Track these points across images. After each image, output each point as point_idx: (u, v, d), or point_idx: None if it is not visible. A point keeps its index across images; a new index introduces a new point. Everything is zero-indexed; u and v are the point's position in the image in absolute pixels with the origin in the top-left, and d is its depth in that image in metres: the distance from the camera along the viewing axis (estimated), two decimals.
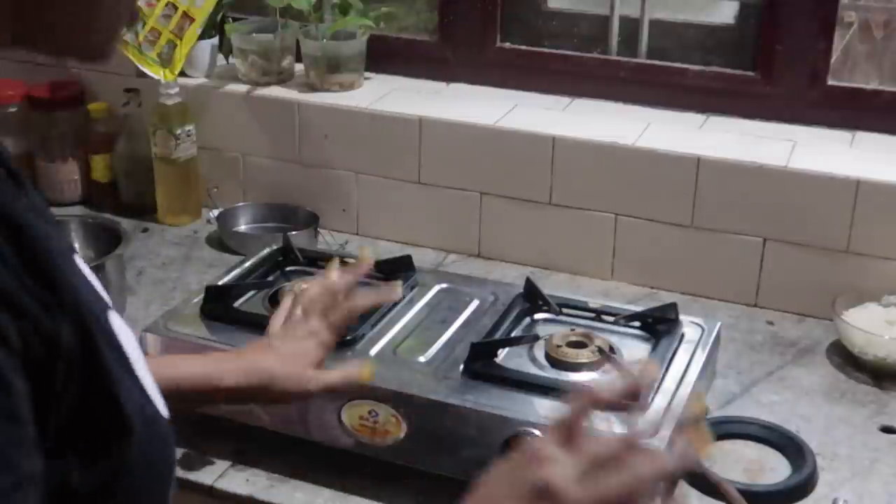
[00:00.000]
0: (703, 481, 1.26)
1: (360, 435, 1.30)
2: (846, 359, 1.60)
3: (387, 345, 1.40)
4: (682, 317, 1.45)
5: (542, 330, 1.45)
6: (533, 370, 1.34)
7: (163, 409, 0.70)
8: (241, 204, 2.03)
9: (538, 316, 1.49)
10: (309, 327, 1.20)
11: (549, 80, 1.99)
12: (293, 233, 1.80)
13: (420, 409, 1.28)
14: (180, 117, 1.97)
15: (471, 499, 0.75)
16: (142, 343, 1.38)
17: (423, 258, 1.82)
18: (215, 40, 2.08)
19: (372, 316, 1.44)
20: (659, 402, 1.27)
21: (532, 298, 1.50)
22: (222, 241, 1.95)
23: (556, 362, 1.35)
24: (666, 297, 1.66)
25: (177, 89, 1.97)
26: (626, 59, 1.98)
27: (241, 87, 2.03)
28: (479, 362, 1.33)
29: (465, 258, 1.92)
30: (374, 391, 1.29)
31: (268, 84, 2.03)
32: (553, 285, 1.76)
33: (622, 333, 1.45)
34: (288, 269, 1.62)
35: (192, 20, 1.97)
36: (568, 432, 0.74)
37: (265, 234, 1.94)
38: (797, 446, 1.38)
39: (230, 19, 2.10)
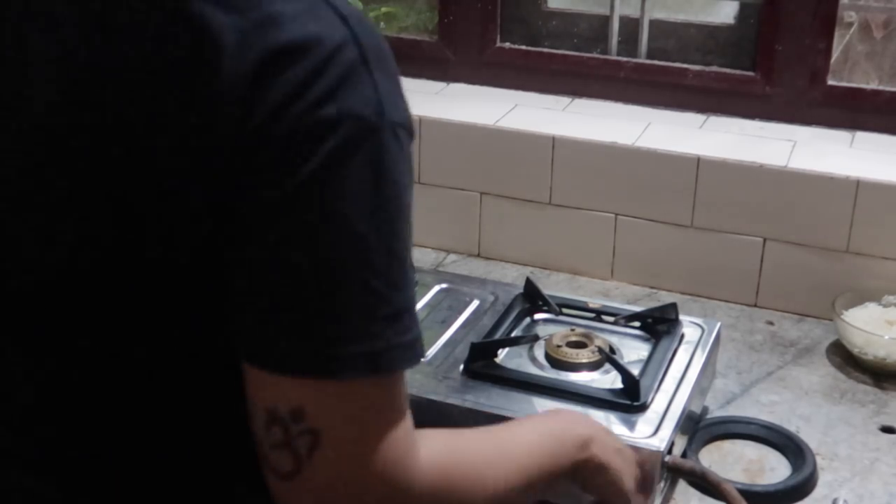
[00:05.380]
0: (703, 481, 1.26)
1: None
2: (846, 359, 1.60)
3: None
4: (682, 317, 1.45)
5: (542, 330, 1.45)
6: (533, 370, 1.34)
7: None
8: None
9: (538, 316, 1.49)
10: None
11: (549, 80, 1.99)
12: None
13: (420, 409, 1.27)
14: None
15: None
16: None
17: (423, 258, 1.82)
18: None
19: None
20: (659, 402, 1.27)
21: (532, 298, 1.50)
22: None
23: (555, 362, 1.35)
24: (666, 297, 1.66)
25: None
26: (626, 59, 1.98)
27: None
28: (479, 362, 1.33)
29: (465, 258, 1.92)
30: None
31: None
32: (553, 285, 1.76)
33: (622, 333, 1.45)
34: None
35: None
36: None
37: None
38: (797, 446, 1.38)
39: None
